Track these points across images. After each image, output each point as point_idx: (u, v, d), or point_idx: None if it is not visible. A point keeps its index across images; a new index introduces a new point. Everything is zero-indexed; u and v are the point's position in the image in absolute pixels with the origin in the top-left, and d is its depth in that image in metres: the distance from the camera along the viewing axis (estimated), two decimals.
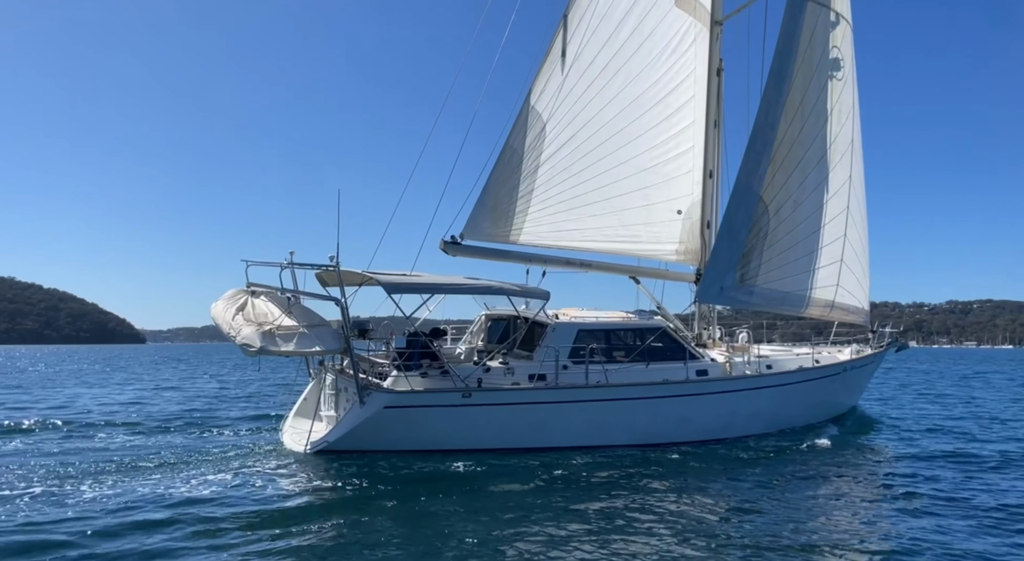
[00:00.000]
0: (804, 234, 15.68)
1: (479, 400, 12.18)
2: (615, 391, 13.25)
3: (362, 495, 9.67)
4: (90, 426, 15.73)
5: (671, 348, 14.68)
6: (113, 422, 16.52)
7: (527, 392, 12.62)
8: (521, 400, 12.54)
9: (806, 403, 16.04)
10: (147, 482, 9.91)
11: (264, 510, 8.65)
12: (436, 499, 9.38)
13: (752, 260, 15.10)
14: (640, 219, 16.07)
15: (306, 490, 9.81)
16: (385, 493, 9.76)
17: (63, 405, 21.38)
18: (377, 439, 11.71)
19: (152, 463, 11.26)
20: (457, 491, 9.83)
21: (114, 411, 19.45)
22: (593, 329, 14.14)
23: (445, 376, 12.19)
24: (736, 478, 11.15)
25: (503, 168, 14.01)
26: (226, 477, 10.23)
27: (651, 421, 13.55)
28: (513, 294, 12.97)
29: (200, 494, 9.27)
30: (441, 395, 12.02)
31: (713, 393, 14.37)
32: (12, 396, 25.20)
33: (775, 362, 16.20)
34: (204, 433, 14.60)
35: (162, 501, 8.89)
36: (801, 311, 15.91)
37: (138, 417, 17.84)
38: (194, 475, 10.43)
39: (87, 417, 17.79)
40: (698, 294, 14.35)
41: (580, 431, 12.96)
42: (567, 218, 14.95)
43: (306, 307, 12.06)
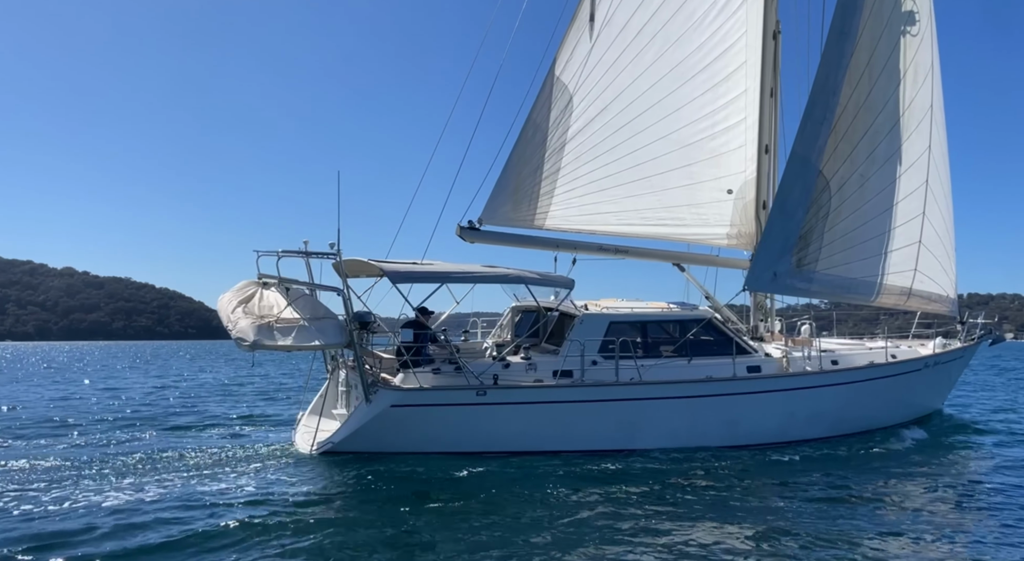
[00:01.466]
0: (873, 213, 13.90)
1: (495, 398, 11.24)
2: (649, 389, 12.03)
3: (359, 502, 9.01)
4: (100, 422, 15.67)
5: (717, 342, 13.29)
6: (125, 417, 16.65)
7: (549, 390, 11.59)
8: (542, 398, 11.52)
9: (878, 404, 14.27)
10: (147, 481, 9.60)
11: (252, 515, 8.09)
12: (441, 508, 8.65)
13: (811, 243, 13.47)
14: (684, 200, 14.68)
15: (300, 495, 9.17)
16: (384, 499, 9.08)
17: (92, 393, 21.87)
18: (384, 440, 10.96)
19: (154, 462, 10.91)
20: (468, 498, 9.04)
21: (137, 405, 19.64)
22: (626, 321, 12.93)
23: (460, 373, 11.30)
24: (788, 489, 9.90)
25: (525, 146, 12.96)
26: (223, 478, 9.75)
27: (691, 423, 12.26)
28: (533, 283, 11.94)
29: (192, 495, 8.86)
30: (453, 393, 11.15)
31: (766, 392, 12.90)
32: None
33: (842, 357, 14.50)
34: (215, 430, 14.37)
35: (155, 502, 8.55)
36: (871, 300, 14.14)
37: (151, 412, 17.92)
38: (190, 475, 10.03)
39: (95, 411, 18.01)
40: (747, 281, 12.89)
41: (609, 433, 11.83)
42: (599, 199, 13.77)
43: (315, 299, 11.42)
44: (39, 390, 26.22)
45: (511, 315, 14.36)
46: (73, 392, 25.07)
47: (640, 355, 12.65)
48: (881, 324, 17.27)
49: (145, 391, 25.01)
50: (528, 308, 14.02)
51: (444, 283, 11.25)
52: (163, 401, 21.30)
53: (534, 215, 13.20)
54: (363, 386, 10.88)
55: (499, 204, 12.78)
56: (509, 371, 11.82)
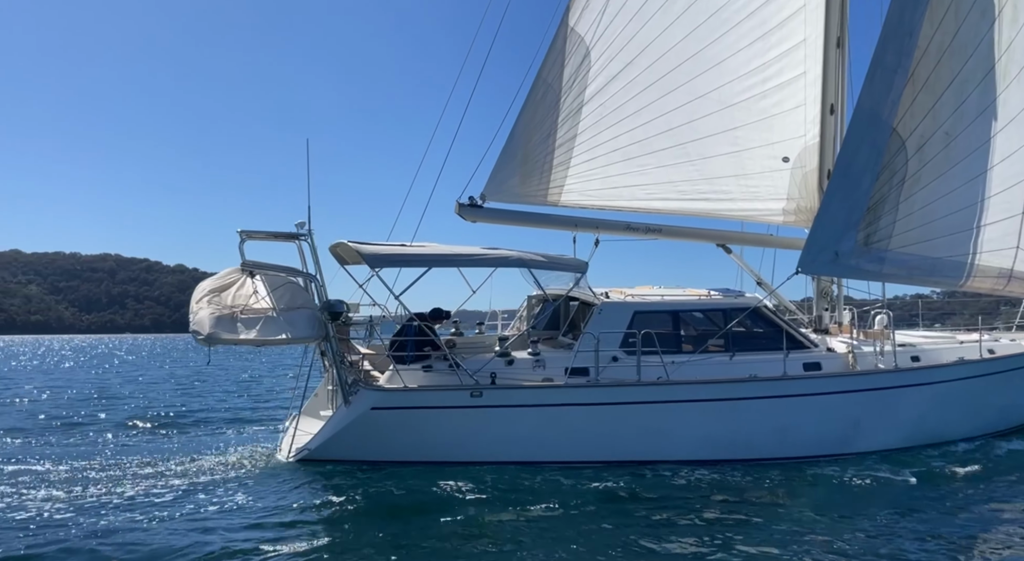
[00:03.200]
0: (962, 178, 11.56)
1: (492, 400, 9.78)
2: (678, 390, 10.30)
3: (324, 521, 7.78)
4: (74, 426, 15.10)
5: (767, 335, 11.38)
6: (101, 416, 16.14)
7: (556, 391, 10.03)
8: (548, 401, 9.98)
9: (968, 409, 11.98)
10: (110, 484, 8.97)
11: (202, 530, 7.20)
12: (423, 529, 7.40)
13: (882, 215, 11.29)
14: (728, 170, 12.74)
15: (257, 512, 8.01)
16: (353, 518, 7.86)
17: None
18: (365, 447, 9.70)
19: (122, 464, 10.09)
20: (455, 518, 7.74)
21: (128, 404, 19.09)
22: (653, 310, 11.20)
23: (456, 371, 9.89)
24: (849, 510, 8.19)
25: (535, 109, 11.35)
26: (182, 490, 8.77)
27: (731, 431, 10.47)
28: (537, 266, 10.37)
29: (148, 503, 8.12)
30: (443, 394, 9.76)
31: (824, 393, 10.93)
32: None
33: (924, 353, 12.27)
34: (201, 431, 13.56)
35: (110, 508, 7.95)
36: (959, 284, 11.81)
37: (133, 409, 17.25)
38: (153, 480, 9.20)
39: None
40: (802, 262, 10.87)
41: (629, 442, 10.19)
42: (625, 171, 12.02)
43: (299, 287, 10.23)
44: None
45: (531, 305, 12.83)
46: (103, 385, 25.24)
47: (671, 350, 10.92)
48: (1002, 315, 14.66)
49: (170, 387, 24.64)
50: (547, 297, 12.46)
51: (432, 267, 9.85)
52: (166, 397, 20.70)
53: (547, 190, 11.59)
54: (341, 386, 9.65)
55: (505, 177, 11.25)
56: (513, 369, 10.33)
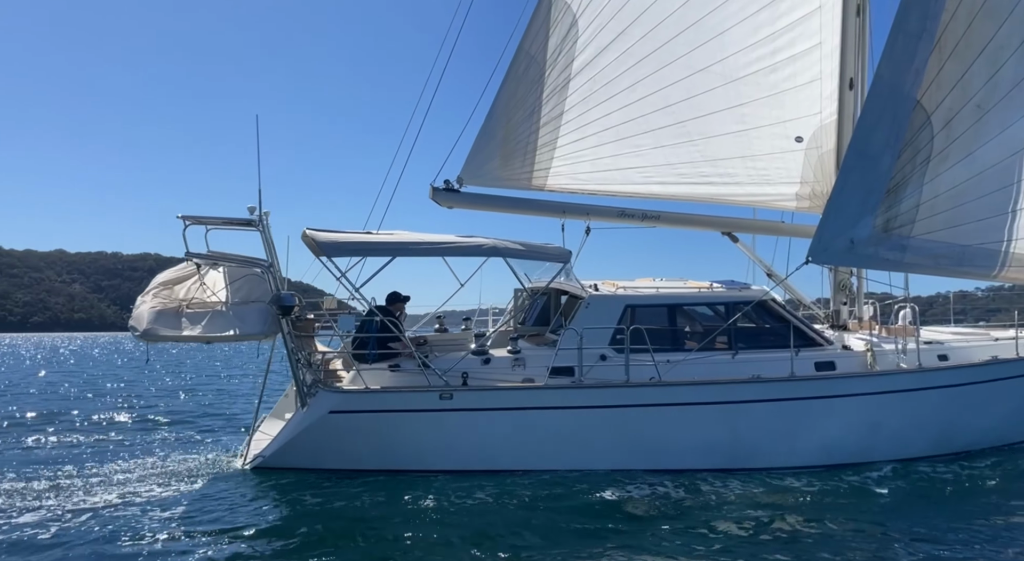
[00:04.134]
0: (996, 156, 10.39)
1: (463, 403, 8.95)
2: (672, 392, 9.36)
3: (270, 533, 7.06)
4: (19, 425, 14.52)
5: (775, 331, 10.38)
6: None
7: (534, 393, 9.15)
8: (524, 403, 9.12)
9: (1002, 412, 10.83)
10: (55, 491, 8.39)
11: (132, 543, 6.65)
12: (379, 547, 6.75)
13: (904, 199, 10.18)
14: (734, 150, 11.70)
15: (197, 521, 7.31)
16: (303, 532, 7.09)
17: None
18: (324, 454, 8.93)
19: (58, 471, 9.47)
20: (419, 537, 6.94)
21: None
22: (646, 303, 10.25)
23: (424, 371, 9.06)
24: (869, 524, 7.40)
25: (516, 84, 10.43)
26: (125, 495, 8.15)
27: (731, 436, 9.50)
28: (514, 255, 9.50)
29: (89, 511, 7.59)
30: (408, 396, 8.94)
31: (838, 396, 9.90)
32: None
33: (953, 351, 11.15)
34: (161, 434, 12.83)
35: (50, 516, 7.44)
36: (992, 274, 10.65)
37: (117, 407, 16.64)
38: (96, 486, 8.63)
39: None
40: (812, 251, 9.83)
41: (616, 449, 9.28)
42: (618, 151, 11.05)
43: (260, 279, 9.47)
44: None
45: (515, 300, 11.95)
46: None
47: (667, 348, 9.98)
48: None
49: (159, 386, 24.08)
50: (532, 290, 11.58)
51: (394, 256, 9.02)
52: (138, 396, 20.11)
53: (531, 173, 10.68)
54: (298, 388, 8.90)
55: (484, 159, 10.36)
56: (489, 368, 9.48)
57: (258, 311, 8.69)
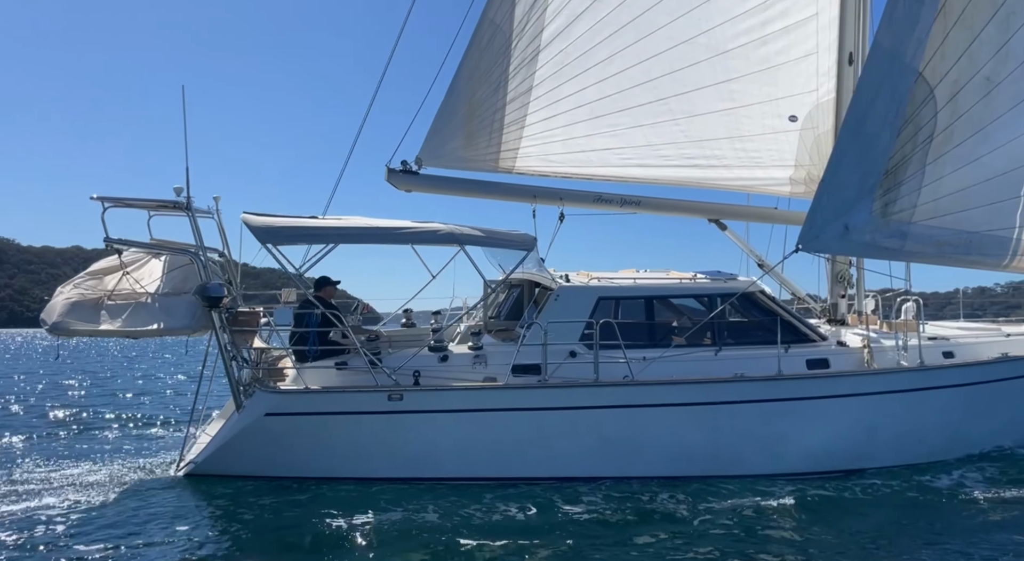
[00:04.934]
0: (1007, 134, 9.53)
1: (414, 404, 8.20)
2: (647, 392, 8.59)
3: (192, 549, 6.34)
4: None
5: (762, 325, 9.59)
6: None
7: (492, 393, 8.39)
8: (482, 405, 8.35)
9: (1013, 414, 9.99)
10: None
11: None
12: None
13: (905, 181, 9.34)
14: (722, 130, 10.88)
15: (110, 536, 6.61)
16: (229, 548, 6.42)
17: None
18: (261, 461, 8.22)
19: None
20: (364, 553, 6.26)
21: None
22: (622, 296, 9.47)
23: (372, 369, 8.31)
24: (859, 539, 6.70)
25: (480, 56, 9.62)
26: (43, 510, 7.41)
27: (713, 441, 8.73)
28: (472, 242, 8.72)
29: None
30: (353, 397, 8.21)
31: (830, 397, 9.10)
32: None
33: (959, 347, 10.33)
34: (106, 434, 12.05)
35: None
36: (1002, 263, 9.81)
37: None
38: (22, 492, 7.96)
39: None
40: (802, 237, 9.02)
41: (585, 455, 8.54)
42: (594, 131, 10.23)
43: (197, 269, 8.72)
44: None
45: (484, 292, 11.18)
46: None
47: (643, 344, 9.23)
48: None
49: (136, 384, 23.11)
50: (516, 282, 10.82)
51: (337, 243, 8.26)
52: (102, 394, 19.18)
53: (498, 154, 9.89)
54: (232, 389, 8.17)
55: (445, 138, 9.57)
56: (446, 366, 8.73)
57: (187, 304, 7.96)
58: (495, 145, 9.79)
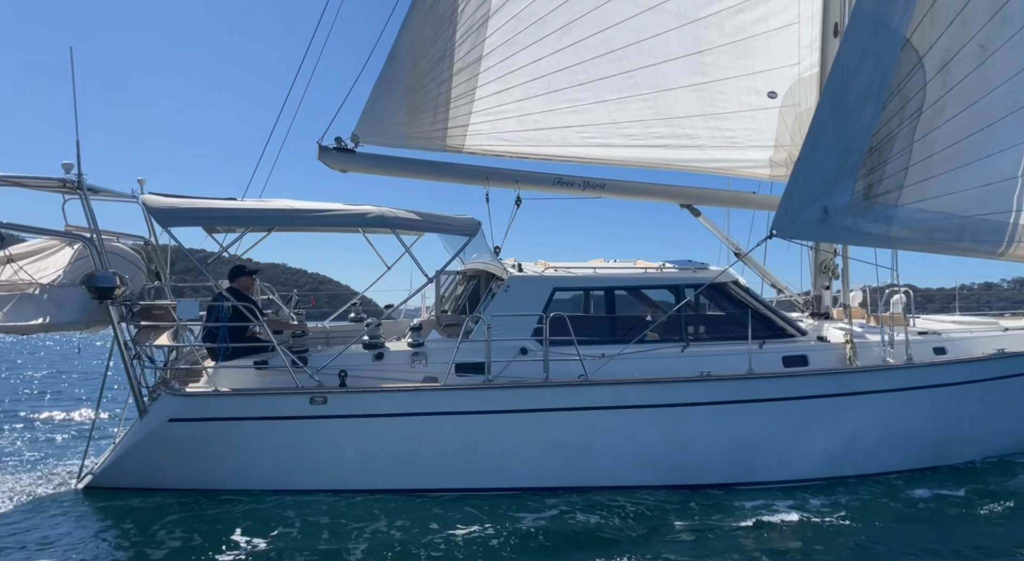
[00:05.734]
0: (1003, 108, 8.72)
1: (339, 408, 7.38)
2: (603, 394, 7.79)
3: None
4: None
5: (736, 320, 8.78)
6: None
7: (429, 395, 7.57)
8: (416, 409, 7.54)
9: (1010, 416, 9.22)
10: None
11: None
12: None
13: (891, 159, 8.52)
14: (694, 107, 10.05)
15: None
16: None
17: None
18: (166, 472, 7.40)
19: None
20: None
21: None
22: (580, 287, 8.68)
23: (292, 369, 7.49)
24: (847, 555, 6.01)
25: (422, 22, 8.76)
26: None
27: (677, 447, 7.96)
28: (405, 226, 7.89)
29: None
30: (269, 400, 7.38)
31: (807, 397, 8.31)
32: None
33: (953, 342, 9.56)
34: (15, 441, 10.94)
35: None
36: (998, 251, 9.00)
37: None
38: None
39: None
40: (776, 223, 8.20)
41: (533, 463, 7.73)
42: (551, 106, 9.40)
43: (112, 257, 7.88)
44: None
45: (436, 284, 10.37)
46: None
47: (603, 339, 8.44)
48: None
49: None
50: (474, 273, 10.01)
51: (249, 226, 7.44)
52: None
53: (445, 131, 9.05)
54: (133, 391, 7.35)
55: (385, 112, 8.73)
56: (380, 365, 7.92)
57: (77, 296, 7.12)
58: (441, 121, 8.95)
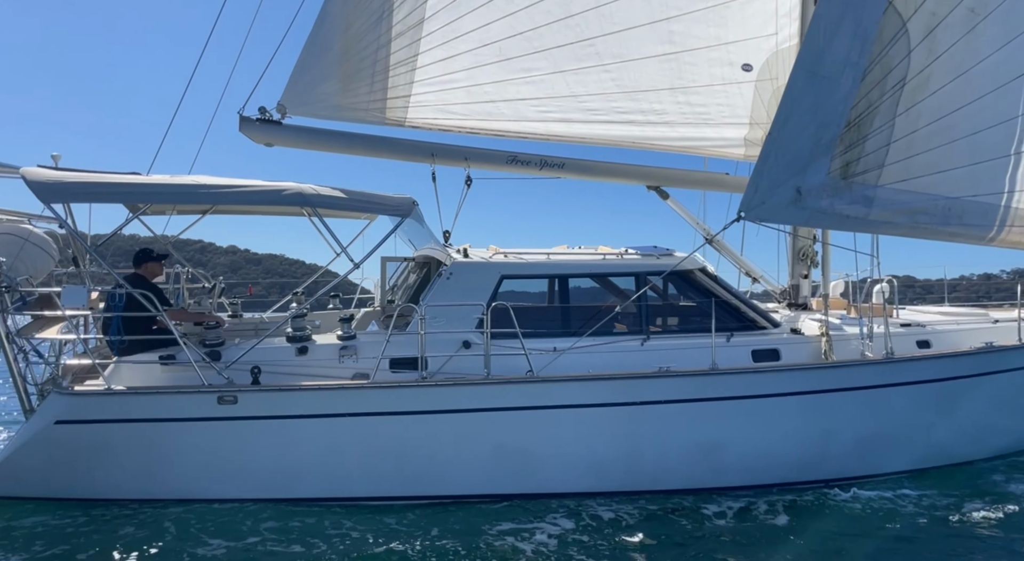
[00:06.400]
0: (995, 79, 8.01)
1: (251, 409, 6.64)
2: (552, 392, 7.08)
3: None
4: None
5: (701, 309, 8.10)
6: None
7: (354, 394, 6.84)
8: (339, 409, 6.81)
9: (996, 416, 8.60)
10: None
11: None
12: None
13: (871, 135, 7.80)
14: (661, 80, 9.30)
15: None
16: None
17: None
18: (55, 480, 6.64)
19: None
20: None
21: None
22: (531, 274, 7.97)
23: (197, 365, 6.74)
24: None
25: None
26: None
27: (633, 450, 7.27)
28: (327, 205, 7.11)
29: None
30: (170, 400, 6.63)
31: (776, 395, 7.65)
32: None
33: (938, 335, 8.91)
34: None
35: None
36: (988, 236, 8.32)
37: None
38: None
39: None
40: (745, 204, 7.49)
41: (475, 468, 7.04)
42: (503, 76, 8.63)
43: (13, 240, 7.11)
44: None
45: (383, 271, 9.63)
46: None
47: (556, 332, 7.75)
48: None
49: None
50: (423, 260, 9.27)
51: (150, 203, 6.67)
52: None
53: (384, 102, 8.27)
54: (17, 389, 6.60)
55: (315, 80, 7.94)
56: (304, 360, 7.18)
57: None
58: (380, 91, 8.18)
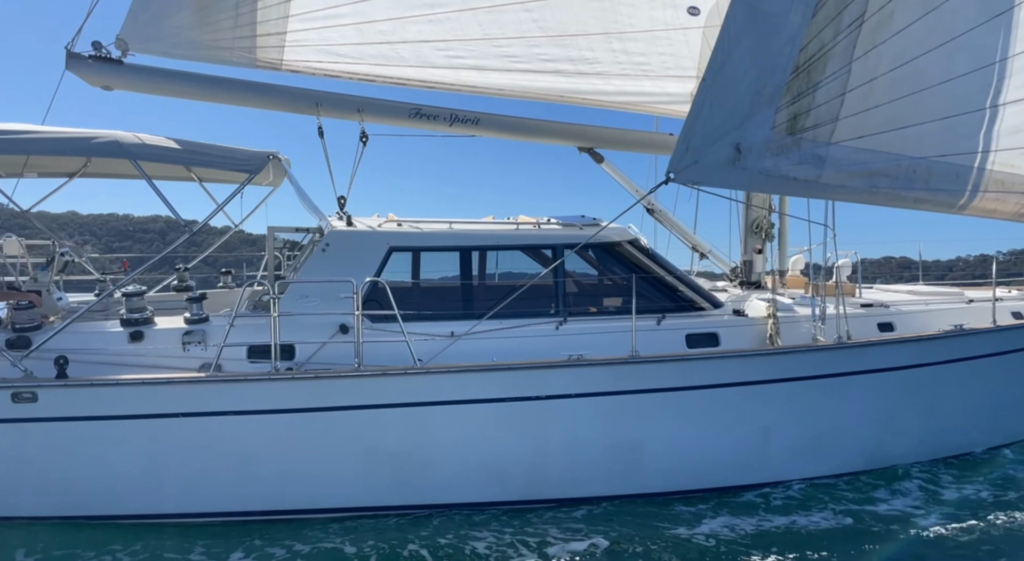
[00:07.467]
0: (967, 19, 6.92)
1: (55, 408, 5.52)
2: (433, 385, 6.02)
3: None
4: None
5: (626, 288, 7.07)
6: None
7: (188, 390, 5.72)
8: (170, 409, 5.69)
9: (965, 409, 7.68)
10: None
11: None
12: None
13: (821, 83, 6.70)
14: (593, 24, 8.13)
15: None
16: None
17: None
18: None
19: None
20: None
21: None
22: (426, 246, 6.88)
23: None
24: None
25: None
26: None
27: (536, 454, 6.26)
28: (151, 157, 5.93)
29: None
30: None
31: (708, 387, 6.64)
32: None
33: (902, 317, 7.98)
34: None
35: None
36: (959, 203, 7.29)
37: None
38: None
39: None
40: (674, 165, 6.40)
41: (345, 477, 6.00)
42: (401, 12, 7.40)
43: None
44: None
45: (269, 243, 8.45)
46: None
47: (454, 314, 6.70)
48: None
49: None
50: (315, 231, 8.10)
51: None
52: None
53: (252, 39, 7.03)
54: None
55: (164, 11, 6.65)
56: (137, 348, 6.04)
57: None
58: (247, 27, 6.93)
